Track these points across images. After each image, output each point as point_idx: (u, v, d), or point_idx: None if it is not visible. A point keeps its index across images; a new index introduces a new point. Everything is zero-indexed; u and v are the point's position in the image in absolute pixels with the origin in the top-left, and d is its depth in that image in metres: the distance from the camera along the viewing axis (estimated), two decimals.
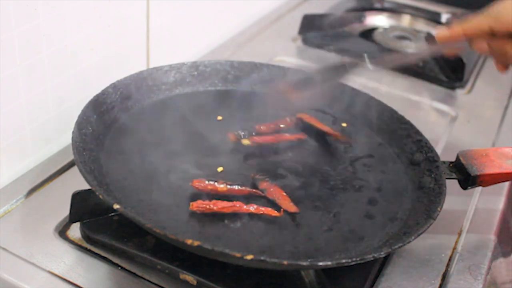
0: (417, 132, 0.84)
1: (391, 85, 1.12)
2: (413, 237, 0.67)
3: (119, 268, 0.69)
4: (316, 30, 1.25)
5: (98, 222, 0.72)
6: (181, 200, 0.72)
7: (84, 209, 0.71)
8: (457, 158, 0.79)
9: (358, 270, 0.70)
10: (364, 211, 0.75)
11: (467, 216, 0.83)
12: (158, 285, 0.67)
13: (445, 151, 0.94)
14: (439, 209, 0.71)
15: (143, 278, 0.68)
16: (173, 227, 0.69)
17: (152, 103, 0.88)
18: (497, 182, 0.79)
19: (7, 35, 0.72)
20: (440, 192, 0.74)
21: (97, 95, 0.81)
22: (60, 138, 0.86)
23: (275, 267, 0.65)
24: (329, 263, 0.62)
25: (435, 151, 0.81)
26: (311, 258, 0.66)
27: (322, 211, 0.75)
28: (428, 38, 1.24)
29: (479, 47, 0.75)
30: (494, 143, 1.00)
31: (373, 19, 1.35)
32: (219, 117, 0.89)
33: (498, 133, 1.03)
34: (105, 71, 0.90)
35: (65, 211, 0.73)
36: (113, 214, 0.73)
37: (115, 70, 0.89)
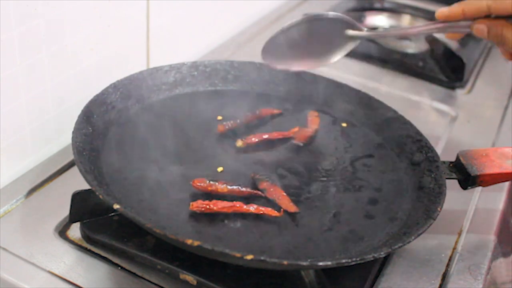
0: (417, 132, 0.84)
1: (391, 85, 1.12)
2: (413, 237, 0.67)
3: (119, 268, 0.69)
4: None
5: (98, 222, 0.72)
6: (181, 200, 0.72)
7: (84, 209, 0.71)
8: (457, 158, 0.79)
9: (358, 270, 0.70)
10: (364, 211, 0.75)
11: (467, 216, 0.83)
12: (158, 285, 0.67)
13: (445, 151, 0.94)
14: (439, 209, 0.71)
15: (143, 278, 0.68)
16: (173, 227, 0.69)
17: (152, 103, 0.88)
18: (497, 182, 0.79)
19: (7, 35, 0.72)
20: (440, 192, 0.74)
21: (97, 95, 0.81)
22: (60, 138, 0.86)
23: (275, 267, 0.65)
24: (329, 263, 0.62)
25: (435, 151, 0.80)
26: (311, 258, 0.66)
27: (322, 211, 0.75)
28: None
29: (478, 30, 0.76)
30: (494, 143, 1.00)
31: (373, 19, 1.35)
32: (219, 117, 0.89)
33: (498, 133, 1.03)
34: (105, 71, 0.90)
35: (65, 211, 0.73)
36: (113, 214, 0.73)
37: (115, 70, 0.89)
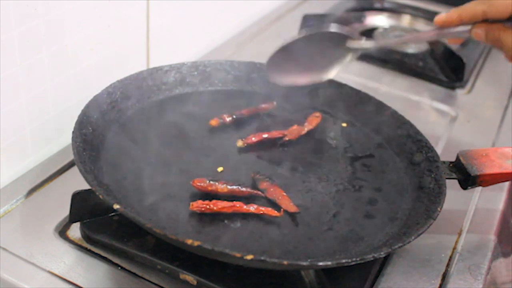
0: (417, 132, 0.84)
1: (391, 85, 1.12)
2: (413, 237, 0.67)
3: (119, 268, 0.69)
4: None
5: (98, 222, 0.72)
6: (181, 200, 0.72)
7: (84, 209, 0.71)
8: (457, 158, 0.79)
9: (358, 270, 0.70)
10: (364, 211, 0.75)
11: (467, 216, 0.83)
12: (158, 285, 0.67)
13: (445, 151, 0.94)
14: (439, 209, 0.71)
15: (143, 278, 0.68)
16: (173, 227, 0.69)
17: (152, 103, 0.88)
18: (497, 182, 0.79)
19: (7, 35, 0.72)
20: (440, 192, 0.74)
21: (97, 95, 0.81)
22: (60, 138, 0.86)
23: (275, 267, 0.65)
24: (329, 263, 0.62)
25: (435, 151, 0.80)
26: (311, 258, 0.66)
27: (322, 211, 0.75)
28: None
29: (477, 34, 0.76)
30: (494, 143, 1.00)
31: (373, 19, 1.35)
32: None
33: (498, 133, 1.03)
34: (105, 71, 0.90)
35: (65, 211, 0.73)
36: (113, 214, 0.73)
37: (115, 70, 0.89)
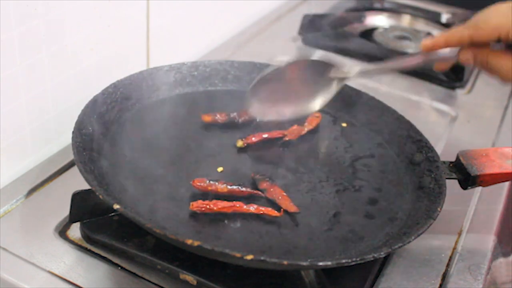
0: (417, 132, 0.84)
1: (391, 85, 1.12)
2: (413, 237, 0.67)
3: (119, 268, 0.69)
4: (316, 30, 1.25)
5: (98, 222, 0.72)
6: (181, 200, 0.72)
7: (84, 209, 0.71)
8: (457, 158, 0.79)
9: (358, 270, 0.70)
10: (364, 211, 0.75)
11: (467, 216, 0.83)
12: (158, 285, 0.67)
13: (445, 151, 0.94)
14: (439, 209, 0.71)
15: (143, 278, 0.68)
16: (173, 227, 0.69)
17: (152, 103, 0.88)
18: (497, 182, 0.78)
19: (7, 35, 0.72)
20: (440, 192, 0.74)
21: (97, 95, 0.81)
22: (60, 138, 0.86)
23: (275, 267, 0.65)
24: (329, 263, 0.62)
25: (435, 151, 0.80)
26: (311, 258, 0.66)
27: (322, 211, 0.74)
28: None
29: (464, 58, 0.75)
30: (494, 143, 1.00)
31: (373, 19, 1.35)
32: None
33: (498, 133, 1.03)
34: (105, 71, 0.89)
35: (65, 211, 0.73)
36: (113, 214, 0.73)
37: (115, 70, 0.89)
